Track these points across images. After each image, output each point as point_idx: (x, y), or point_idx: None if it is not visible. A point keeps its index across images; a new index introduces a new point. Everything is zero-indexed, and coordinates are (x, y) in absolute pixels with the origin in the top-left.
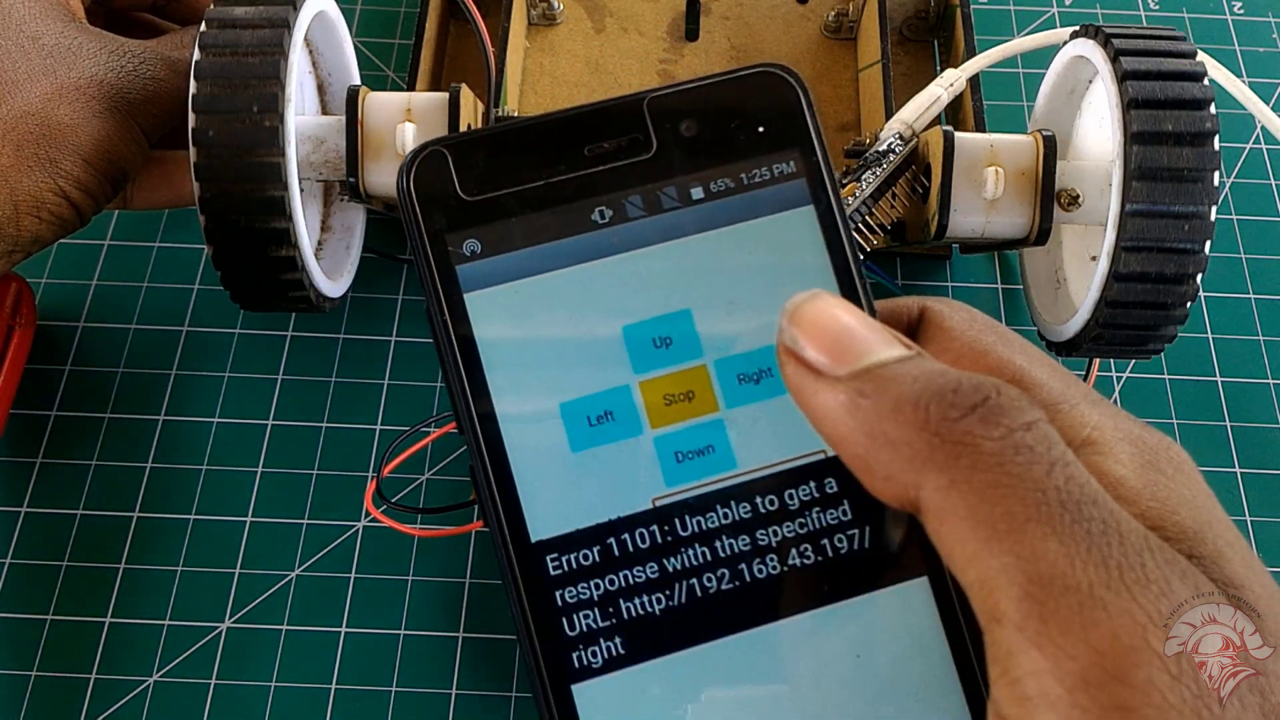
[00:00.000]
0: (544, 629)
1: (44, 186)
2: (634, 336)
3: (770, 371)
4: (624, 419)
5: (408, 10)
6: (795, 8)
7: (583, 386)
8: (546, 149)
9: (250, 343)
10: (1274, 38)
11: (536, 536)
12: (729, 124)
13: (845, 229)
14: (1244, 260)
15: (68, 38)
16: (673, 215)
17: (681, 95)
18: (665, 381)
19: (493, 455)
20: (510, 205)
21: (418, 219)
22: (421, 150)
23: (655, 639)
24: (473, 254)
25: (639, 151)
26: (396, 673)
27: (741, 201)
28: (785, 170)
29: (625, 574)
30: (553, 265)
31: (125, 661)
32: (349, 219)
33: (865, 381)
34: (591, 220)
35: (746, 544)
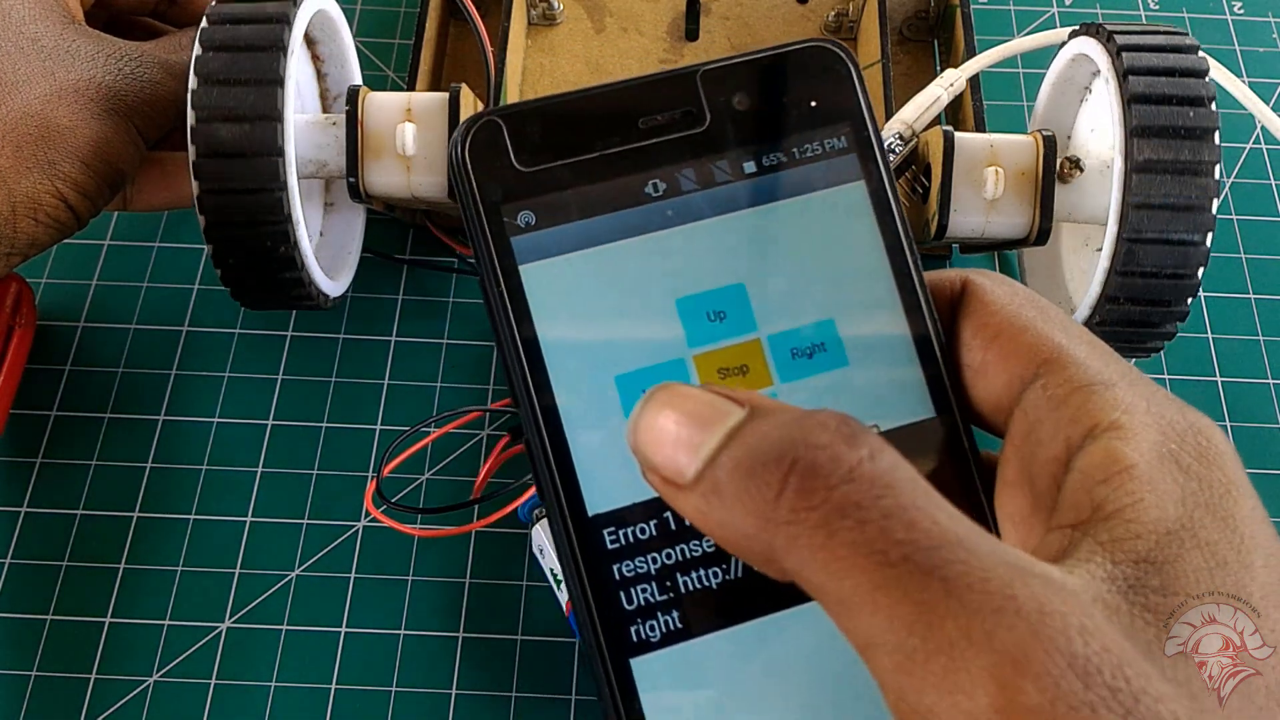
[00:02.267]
0: (603, 603)
1: (42, 188)
2: (688, 310)
3: (824, 346)
4: None
5: (408, 10)
6: (795, 8)
7: (638, 359)
8: (600, 120)
9: (250, 343)
10: (1274, 38)
11: (594, 510)
12: (781, 98)
13: (896, 204)
14: (1244, 260)
15: (66, 40)
16: (725, 189)
17: (735, 68)
18: (719, 355)
19: (549, 429)
20: (564, 177)
21: (473, 189)
22: (476, 120)
23: (712, 613)
24: (527, 225)
25: (692, 125)
26: (396, 673)
27: (793, 176)
28: (836, 145)
29: (682, 548)
30: (607, 238)
31: (125, 661)
32: (349, 218)
33: (705, 484)
34: (645, 193)
35: None
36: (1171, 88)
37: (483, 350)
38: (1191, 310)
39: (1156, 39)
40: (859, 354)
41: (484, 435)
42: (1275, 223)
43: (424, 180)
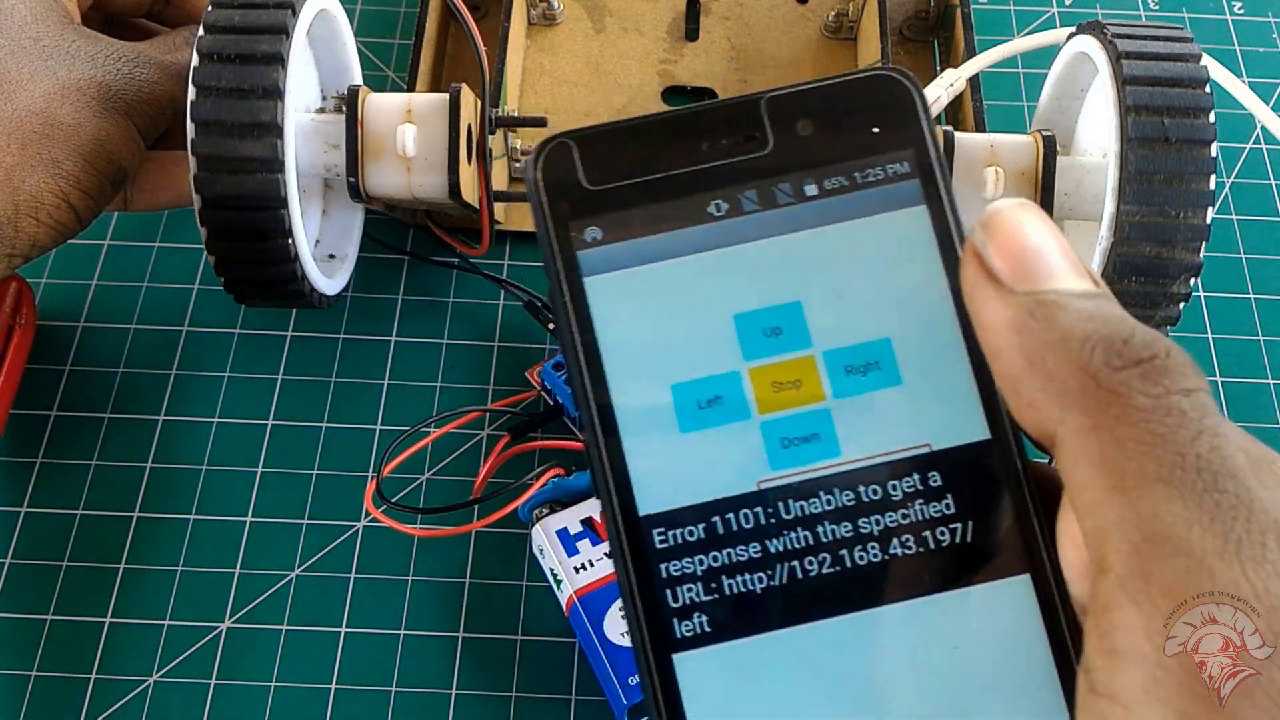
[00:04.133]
0: (648, 600)
1: (45, 187)
2: (745, 325)
3: (878, 365)
4: (733, 403)
5: (408, 10)
6: (795, 8)
7: (694, 370)
8: (667, 143)
9: (250, 343)
10: (1274, 38)
11: (644, 511)
12: (845, 124)
13: (958, 229)
14: (1244, 260)
15: (66, 39)
16: (786, 210)
17: (799, 95)
18: (774, 369)
19: (606, 432)
20: (631, 195)
21: (543, 205)
22: (550, 141)
23: (755, 616)
24: (594, 240)
25: (756, 148)
26: (396, 673)
27: (854, 199)
28: (899, 170)
29: (728, 552)
30: (669, 254)
31: (125, 661)
32: (347, 216)
33: (1039, 305)
34: (708, 212)
35: (848, 530)
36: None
37: (483, 350)
38: (1191, 310)
39: (1157, 44)
40: (913, 374)
41: (484, 435)
42: (1275, 223)
43: (424, 181)
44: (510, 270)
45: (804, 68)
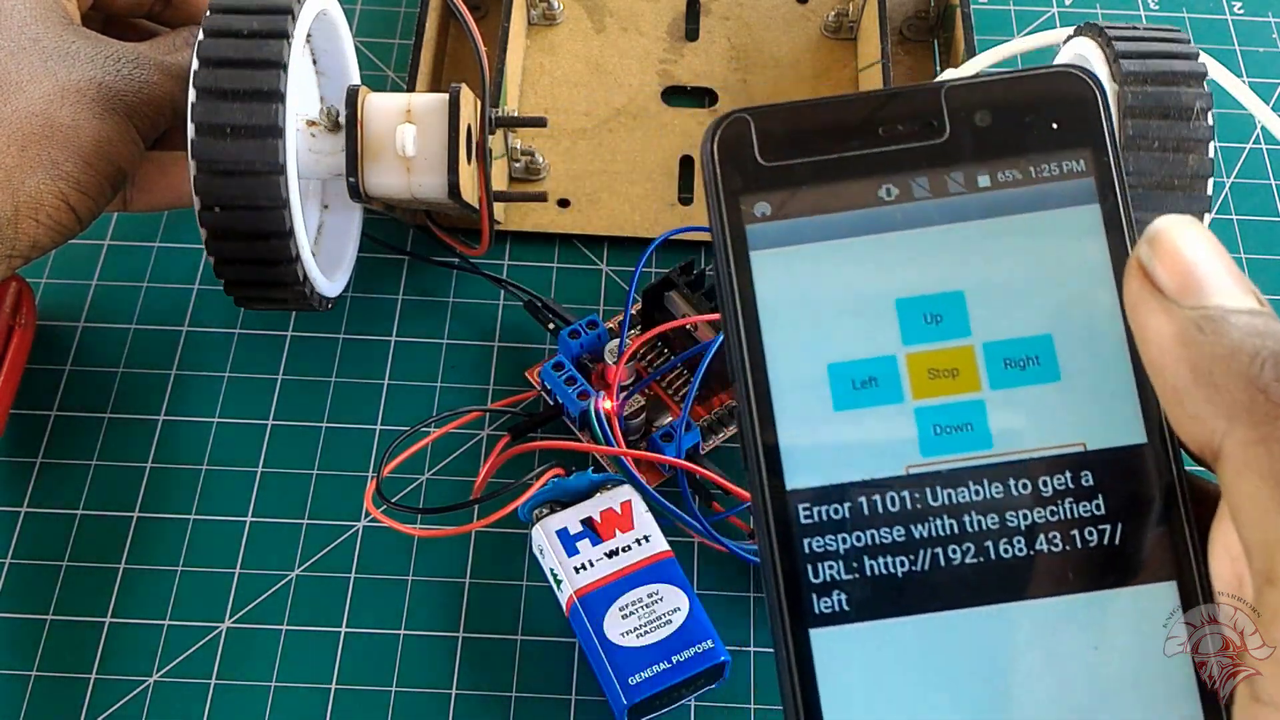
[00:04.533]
0: (789, 573)
1: (45, 188)
2: (906, 310)
3: (1037, 360)
4: (887, 386)
5: (408, 10)
6: (795, 8)
7: (851, 350)
8: (844, 125)
9: (250, 343)
10: (1274, 38)
11: (791, 485)
12: (1024, 118)
13: (1130, 230)
14: (1244, 260)
15: (66, 40)
16: (957, 199)
17: (980, 87)
18: (931, 356)
19: (760, 404)
20: (803, 174)
21: (716, 178)
22: (728, 115)
23: (895, 599)
24: (763, 216)
25: (932, 136)
26: (396, 673)
27: (1027, 193)
28: (1075, 168)
29: (872, 533)
30: (836, 234)
31: (125, 661)
32: (346, 216)
33: (1207, 319)
34: (878, 196)
35: (994, 523)
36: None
37: (483, 350)
38: None
39: (1154, 45)
40: (1073, 371)
41: (484, 435)
42: (1275, 223)
43: (424, 181)
44: (510, 270)
45: (804, 68)
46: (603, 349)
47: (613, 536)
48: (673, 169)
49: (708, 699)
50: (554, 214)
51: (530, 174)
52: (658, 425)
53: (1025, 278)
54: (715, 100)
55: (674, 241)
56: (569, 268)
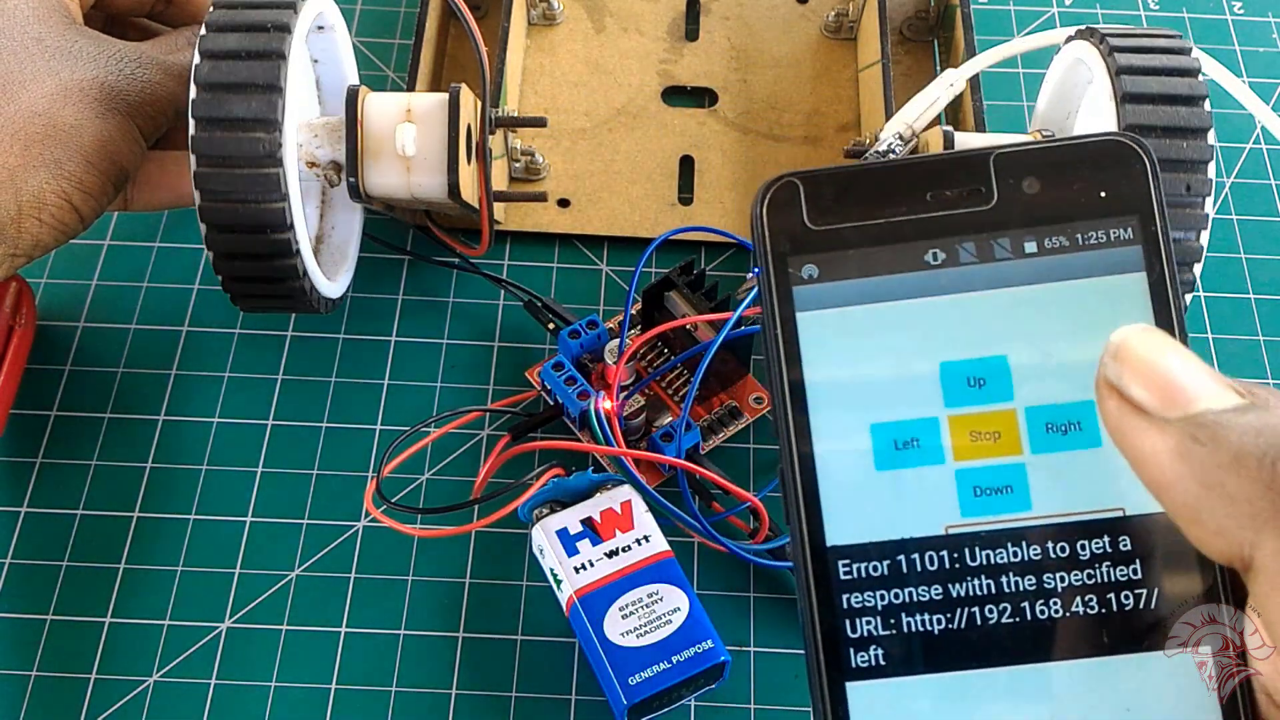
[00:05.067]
0: (828, 627)
1: (48, 188)
2: (950, 373)
3: (1079, 425)
4: (929, 447)
5: (408, 10)
6: (795, 8)
7: (894, 412)
8: (892, 190)
9: (250, 343)
10: (1274, 38)
11: (832, 541)
12: (1072, 185)
13: (1176, 301)
14: (1244, 260)
15: (69, 40)
16: (1003, 265)
17: (1029, 154)
18: (974, 419)
19: (803, 461)
20: (851, 237)
21: (765, 240)
22: (778, 180)
23: (931, 656)
24: (810, 278)
25: (979, 202)
26: (396, 673)
27: (1073, 260)
28: (1122, 236)
29: (910, 590)
30: (882, 297)
31: (125, 661)
32: (347, 217)
33: (1200, 428)
34: (924, 260)
35: (1032, 584)
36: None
37: (483, 350)
38: (1192, 310)
39: (1149, 40)
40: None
41: (484, 435)
42: (1275, 223)
43: (424, 180)
44: (510, 270)
45: (804, 68)
46: (603, 349)
47: (613, 536)
48: (673, 169)
49: (708, 699)
50: (554, 214)
51: (530, 174)
52: (658, 425)
53: (1069, 344)
54: (715, 100)
55: (674, 241)
56: (569, 268)
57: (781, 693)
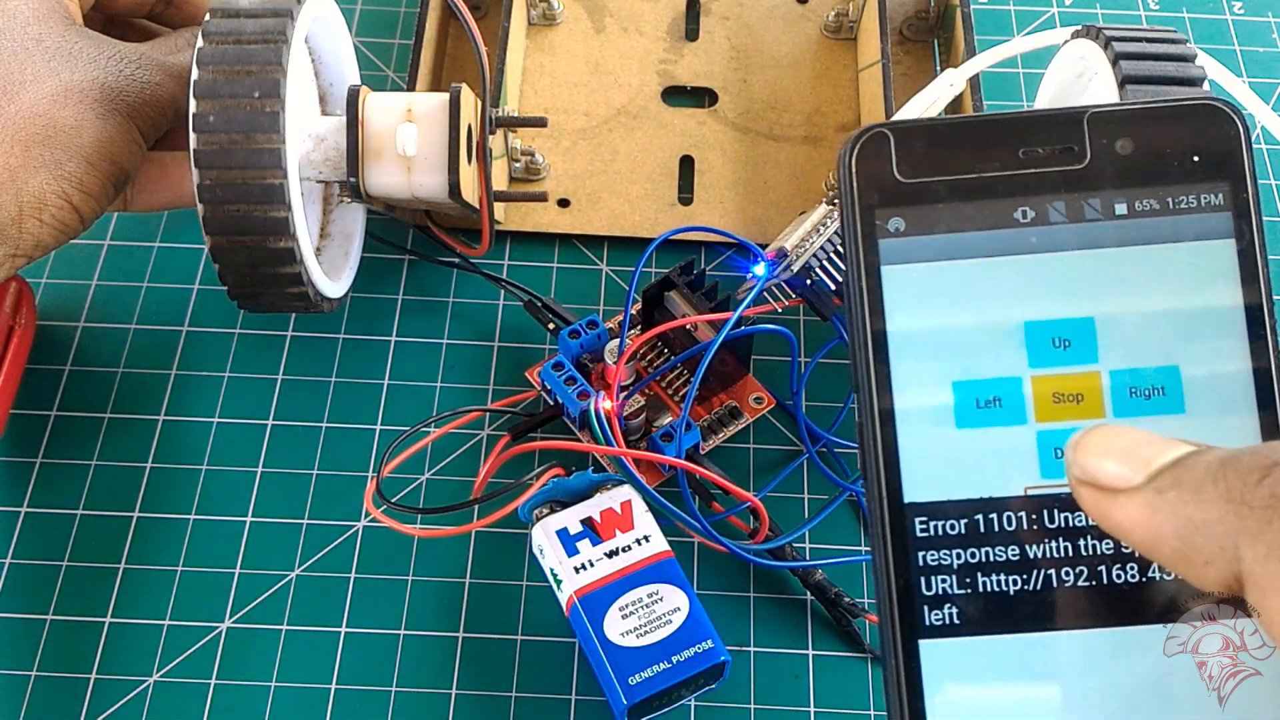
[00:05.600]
0: (903, 585)
1: (48, 189)
2: (1034, 333)
3: (1163, 391)
4: (1011, 407)
5: (408, 10)
6: (795, 8)
7: (977, 370)
8: (984, 145)
9: (250, 343)
10: (1274, 38)
11: (910, 498)
12: (1165, 148)
13: (1264, 269)
14: None
15: (69, 41)
16: (1093, 226)
17: (1123, 114)
18: (1057, 380)
19: (883, 416)
20: (939, 192)
21: (853, 191)
22: (867, 130)
23: (1005, 616)
24: (896, 231)
25: (1072, 161)
26: (396, 673)
27: (1163, 224)
28: (1212, 201)
29: (987, 550)
30: (969, 254)
31: (125, 661)
32: (349, 217)
33: (1162, 479)
34: (1013, 218)
35: (1109, 548)
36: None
37: (483, 350)
38: None
39: (1154, 45)
40: (1198, 405)
41: (484, 435)
42: (1275, 222)
43: (424, 180)
44: (510, 270)
45: (804, 68)
46: (603, 349)
47: (613, 536)
48: (673, 169)
49: (708, 699)
50: (554, 214)
51: (530, 174)
52: (658, 425)
53: (1156, 309)
54: (715, 100)
55: (674, 241)
56: (569, 268)
57: (781, 693)
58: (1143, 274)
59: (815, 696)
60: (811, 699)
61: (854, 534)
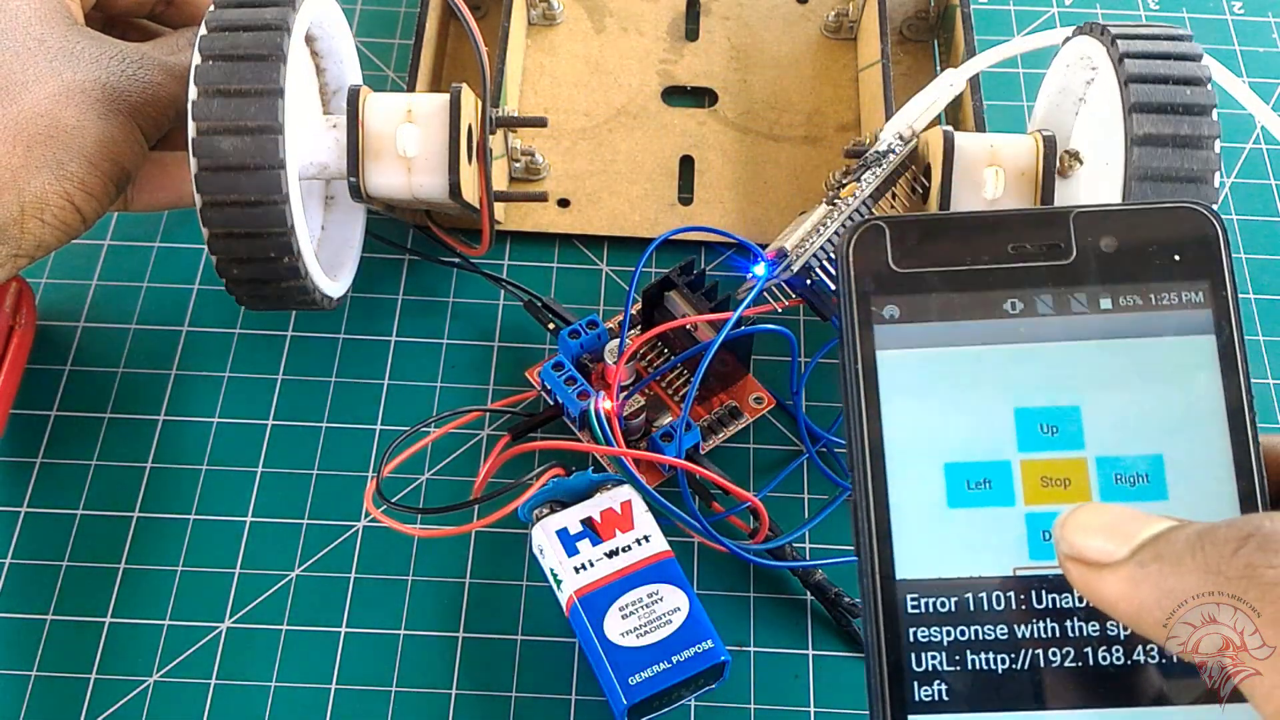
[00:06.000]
0: (893, 659)
1: (50, 189)
2: (1024, 419)
3: (1146, 478)
4: (1001, 490)
5: (408, 10)
6: (795, 8)
7: (968, 453)
8: (975, 240)
9: (250, 343)
10: (1274, 38)
11: (901, 575)
12: (1147, 247)
13: (1243, 364)
14: (1244, 260)
15: (70, 41)
16: (1079, 318)
17: (1106, 215)
18: (1045, 465)
19: (876, 495)
20: (933, 282)
21: (850, 279)
22: (865, 222)
23: (993, 694)
24: (891, 317)
25: (1058, 256)
26: (396, 673)
27: (1145, 319)
28: (1193, 299)
29: (976, 628)
30: (961, 341)
31: (125, 661)
32: (350, 216)
33: (1144, 553)
34: (1003, 309)
35: (1095, 630)
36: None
37: (483, 350)
38: None
39: (1160, 44)
40: (1181, 493)
41: (484, 435)
42: (1275, 222)
43: (425, 181)
44: (510, 270)
45: (804, 68)
46: (603, 349)
47: (613, 536)
48: (673, 169)
49: (708, 699)
50: (554, 214)
51: (530, 174)
52: (658, 425)
53: (1140, 399)
54: (715, 100)
55: (674, 241)
56: (569, 268)
57: (781, 693)
58: (1127, 366)
59: (815, 696)
60: (811, 699)
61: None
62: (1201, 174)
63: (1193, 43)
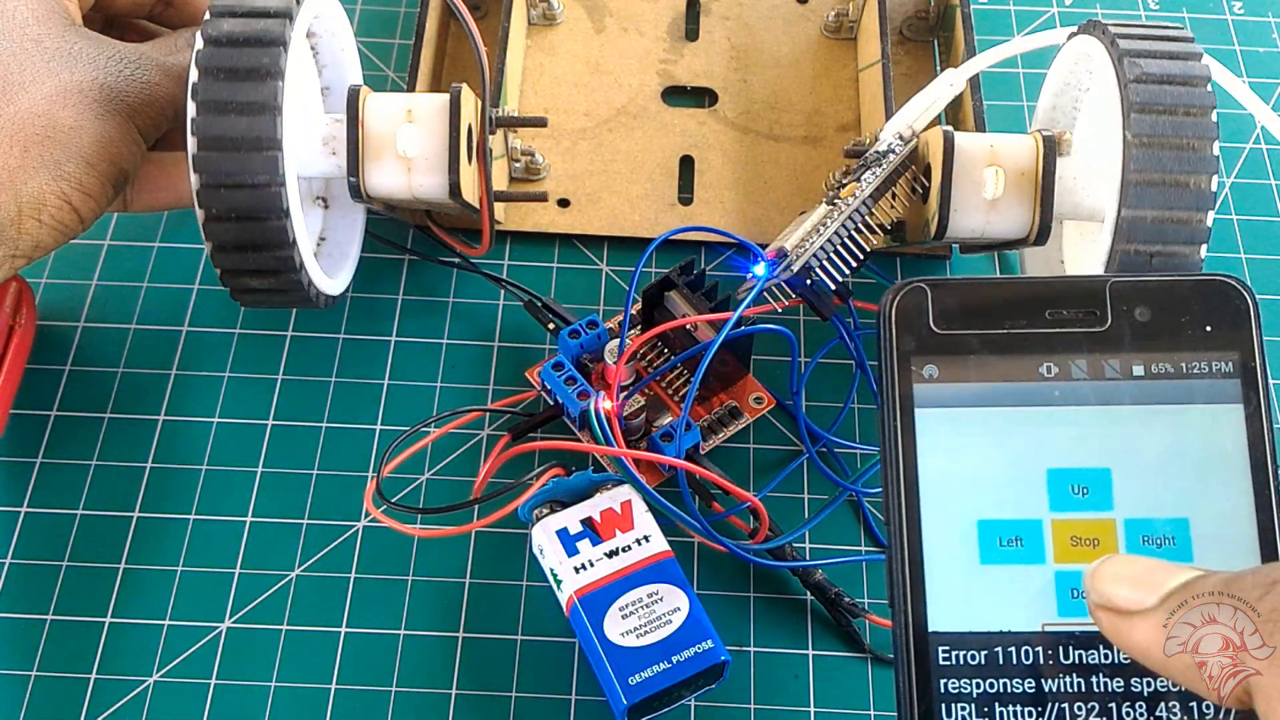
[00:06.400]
0: (924, 710)
1: (47, 189)
2: (1056, 480)
3: (1173, 541)
4: (1031, 547)
5: (408, 10)
6: (795, 8)
7: (1001, 511)
8: (1014, 304)
9: (250, 343)
10: (1274, 38)
11: (934, 627)
12: (1180, 317)
13: (1270, 434)
14: (1244, 260)
15: (68, 41)
16: (1111, 384)
17: (1142, 285)
18: (1075, 525)
19: (911, 549)
20: (972, 344)
21: (891, 338)
22: (907, 284)
23: None
24: (930, 377)
25: (1094, 324)
26: (396, 673)
27: (1176, 386)
28: (1223, 369)
29: (1005, 682)
30: (997, 402)
31: (125, 661)
32: (349, 217)
33: (1173, 600)
34: (1039, 372)
35: (1120, 686)
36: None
37: (483, 350)
38: None
39: (1159, 44)
40: (1205, 556)
41: (484, 435)
42: (1275, 222)
43: (425, 181)
44: (510, 270)
45: (804, 68)
46: (603, 349)
47: (613, 536)
48: (673, 169)
49: (708, 699)
50: (554, 214)
51: (530, 174)
52: (658, 425)
53: (1169, 464)
54: (715, 100)
55: (674, 241)
56: (569, 268)
57: (781, 693)
58: (1157, 431)
59: (815, 696)
60: (811, 699)
61: (854, 534)
62: (1201, 174)
63: (1193, 43)
